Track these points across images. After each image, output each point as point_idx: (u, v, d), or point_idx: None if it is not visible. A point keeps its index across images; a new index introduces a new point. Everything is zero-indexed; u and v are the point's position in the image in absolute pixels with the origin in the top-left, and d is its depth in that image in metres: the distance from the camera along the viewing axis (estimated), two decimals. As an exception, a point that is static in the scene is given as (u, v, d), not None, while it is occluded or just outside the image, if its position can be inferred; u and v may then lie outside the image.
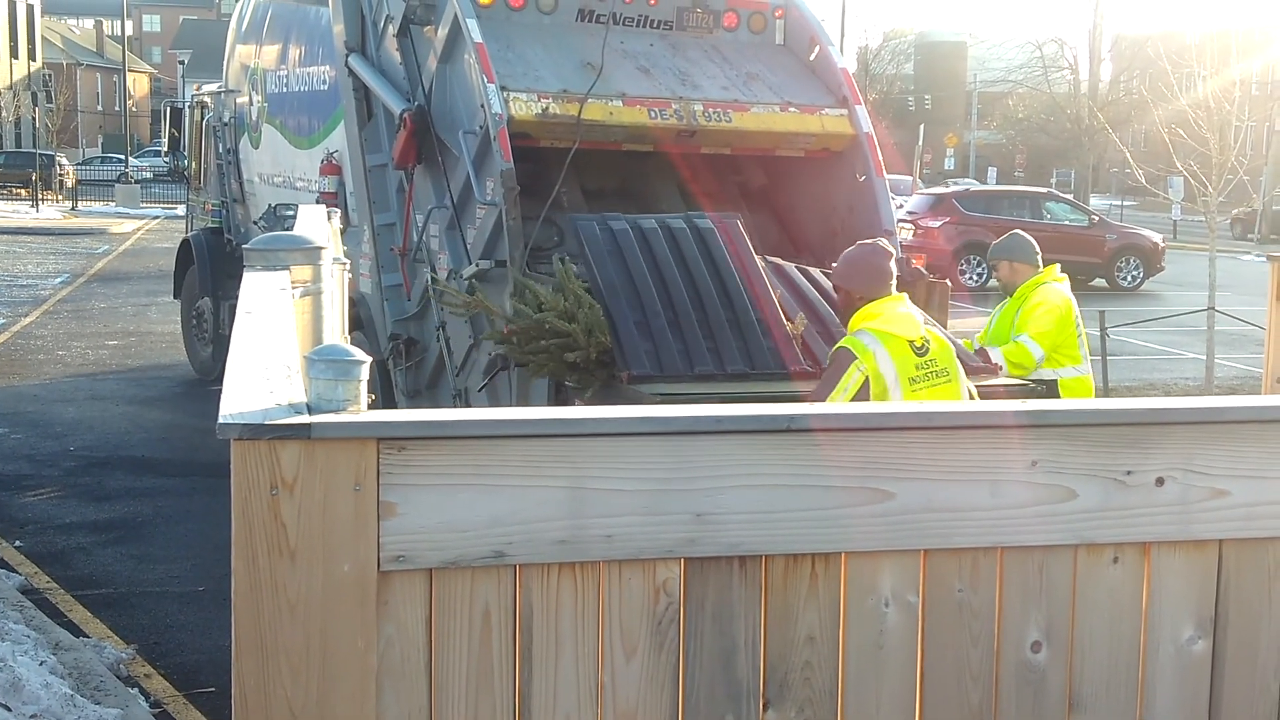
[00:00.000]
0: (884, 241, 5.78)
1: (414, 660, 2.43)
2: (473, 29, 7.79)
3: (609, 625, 2.52)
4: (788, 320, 6.48)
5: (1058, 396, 6.68)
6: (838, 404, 5.12)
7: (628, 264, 6.54)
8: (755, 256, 6.84)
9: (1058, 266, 7.36)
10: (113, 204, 42.40)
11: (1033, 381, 6.86)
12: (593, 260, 6.47)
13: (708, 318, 6.37)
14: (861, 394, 5.34)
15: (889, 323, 5.42)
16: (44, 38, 69.14)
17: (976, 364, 6.47)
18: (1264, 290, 7.75)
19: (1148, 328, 17.42)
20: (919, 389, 5.41)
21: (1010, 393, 6.40)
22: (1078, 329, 7.21)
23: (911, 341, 5.42)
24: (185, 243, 14.50)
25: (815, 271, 7.27)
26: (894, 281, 5.55)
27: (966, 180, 48.36)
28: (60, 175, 46.93)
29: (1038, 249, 7.34)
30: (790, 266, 7.16)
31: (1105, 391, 13.11)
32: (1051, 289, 7.19)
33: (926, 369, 5.45)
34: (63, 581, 7.78)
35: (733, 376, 6.16)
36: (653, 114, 8.14)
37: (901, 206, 24.70)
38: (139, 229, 34.98)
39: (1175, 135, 14.80)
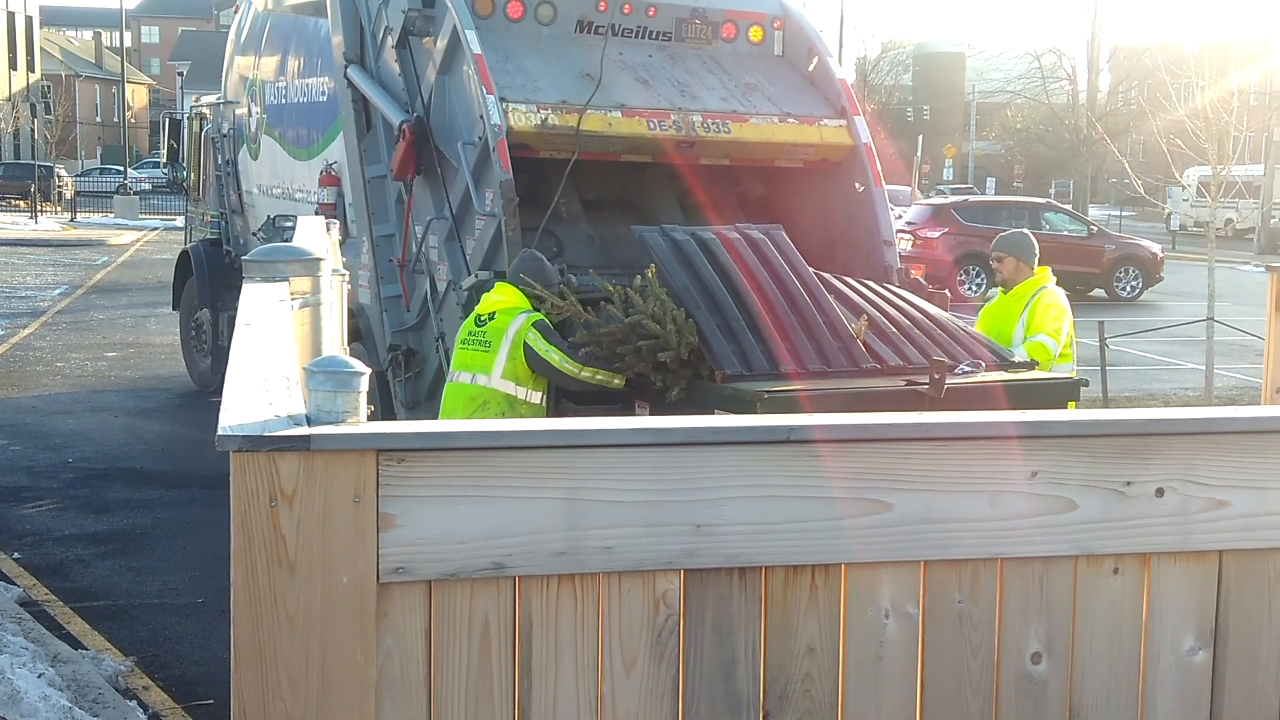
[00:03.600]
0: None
1: (413, 672, 2.42)
2: (472, 40, 7.80)
3: (608, 637, 2.52)
4: (850, 321, 6.71)
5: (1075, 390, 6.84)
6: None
7: (697, 271, 6.74)
8: (805, 264, 6.99)
9: (1049, 268, 7.64)
10: (111, 215, 42.37)
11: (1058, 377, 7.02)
12: (664, 268, 6.68)
13: (780, 320, 6.58)
14: None
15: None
16: (43, 49, 69.27)
17: (1018, 360, 6.95)
18: (1263, 300, 7.79)
19: (1147, 338, 17.43)
20: (465, 349, 6.69)
21: (1046, 385, 6.70)
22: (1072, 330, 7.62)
23: (479, 315, 6.71)
24: (184, 254, 14.50)
25: (851, 280, 7.37)
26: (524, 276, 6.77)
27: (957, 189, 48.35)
28: (59, 187, 47.01)
29: (1037, 250, 7.67)
30: (827, 275, 7.28)
31: (1105, 402, 13.12)
32: (1056, 291, 7.47)
33: (476, 337, 6.65)
34: (61, 593, 7.76)
35: (813, 374, 6.35)
36: (651, 125, 8.15)
37: (900, 217, 24.69)
38: (138, 240, 35.00)
39: (1174, 145, 14.81)
